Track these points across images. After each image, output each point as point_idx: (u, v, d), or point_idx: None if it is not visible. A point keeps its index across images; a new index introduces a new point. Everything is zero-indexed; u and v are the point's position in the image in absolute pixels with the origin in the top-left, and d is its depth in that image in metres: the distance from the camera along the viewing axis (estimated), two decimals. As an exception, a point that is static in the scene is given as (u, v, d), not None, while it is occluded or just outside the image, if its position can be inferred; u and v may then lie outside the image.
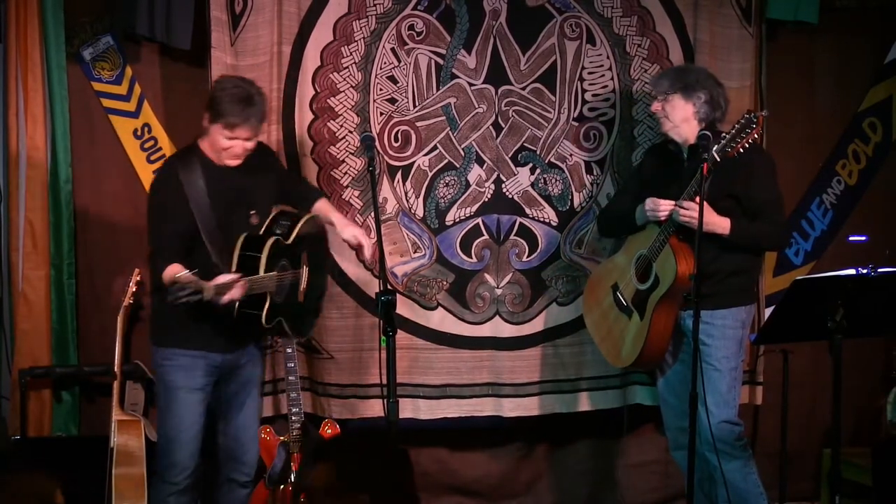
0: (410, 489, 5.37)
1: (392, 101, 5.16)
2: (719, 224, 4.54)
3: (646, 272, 4.68)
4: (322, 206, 4.65)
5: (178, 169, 4.28)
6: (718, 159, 4.40)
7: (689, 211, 4.44)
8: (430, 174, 5.21)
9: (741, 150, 4.40)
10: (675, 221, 4.52)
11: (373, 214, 4.56)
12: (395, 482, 5.33)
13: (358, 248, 4.65)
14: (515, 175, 5.27)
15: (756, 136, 4.41)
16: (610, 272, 4.92)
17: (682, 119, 4.65)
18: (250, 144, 4.28)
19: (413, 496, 5.37)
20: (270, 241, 4.26)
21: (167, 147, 5.06)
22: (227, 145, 4.25)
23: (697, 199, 4.32)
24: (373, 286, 4.96)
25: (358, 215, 5.16)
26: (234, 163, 4.29)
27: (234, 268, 4.19)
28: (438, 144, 5.21)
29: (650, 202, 4.62)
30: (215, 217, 4.23)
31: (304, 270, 4.47)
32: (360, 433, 5.13)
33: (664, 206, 4.56)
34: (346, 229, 4.57)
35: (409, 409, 5.17)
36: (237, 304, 4.16)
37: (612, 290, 4.86)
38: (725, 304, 4.64)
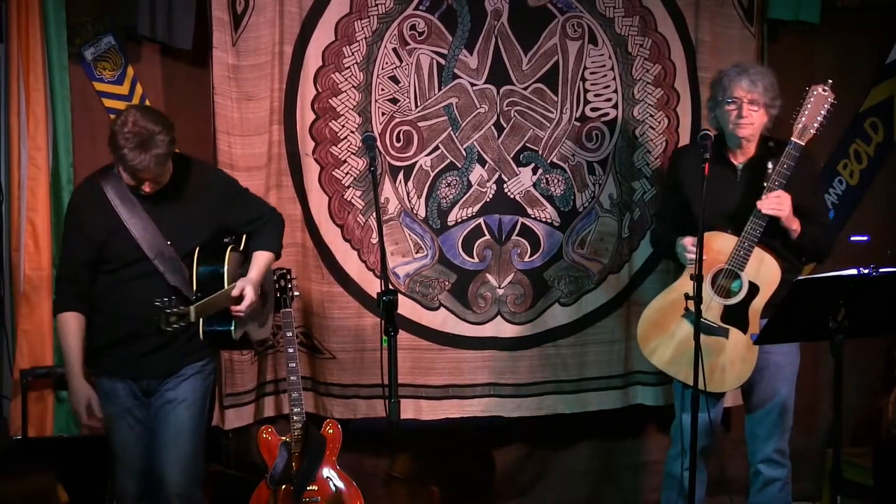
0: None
1: (394, 101, 5.16)
2: (796, 220, 4.48)
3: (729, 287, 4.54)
4: (255, 257, 4.35)
5: (109, 194, 4.14)
6: (803, 143, 4.42)
7: (776, 199, 4.39)
8: (432, 174, 5.21)
9: (820, 128, 4.45)
10: (757, 225, 4.40)
11: (374, 215, 4.56)
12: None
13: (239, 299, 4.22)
14: (517, 175, 5.27)
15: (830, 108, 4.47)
16: (672, 304, 4.55)
17: (759, 126, 4.55)
18: (162, 179, 4.09)
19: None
20: (228, 251, 4.21)
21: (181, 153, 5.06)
22: (132, 184, 4.08)
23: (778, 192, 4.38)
24: (374, 286, 4.96)
25: (360, 215, 5.16)
26: (147, 192, 4.11)
27: (195, 286, 4.13)
28: (440, 144, 5.21)
29: (685, 243, 4.53)
30: (167, 241, 4.13)
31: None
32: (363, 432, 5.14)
33: (692, 250, 4.42)
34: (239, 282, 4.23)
35: (411, 409, 5.17)
36: (202, 325, 4.14)
37: (689, 318, 4.49)
38: None
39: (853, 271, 3.96)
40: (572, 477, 5.57)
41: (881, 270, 3.95)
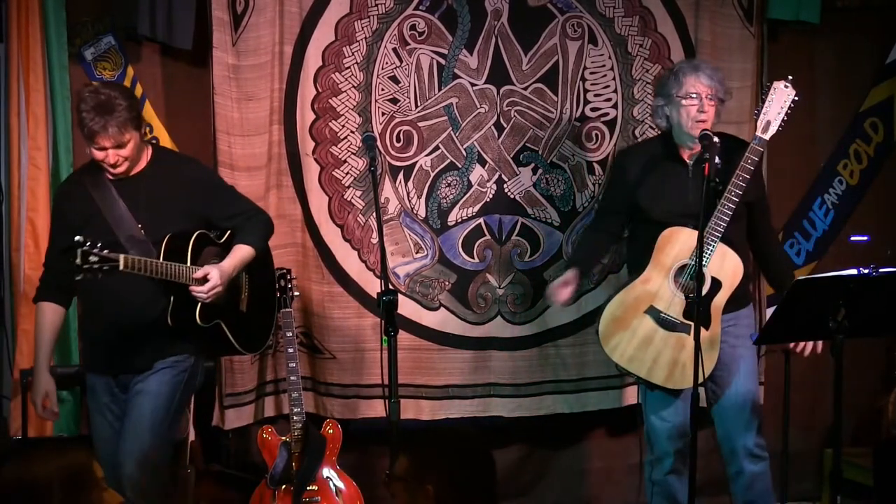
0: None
1: (394, 101, 5.16)
2: None
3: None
4: (233, 249, 4.27)
5: (87, 183, 4.16)
6: (767, 138, 4.38)
7: None
8: (432, 174, 5.21)
9: (783, 124, 4.38)
10: (721, 220, 4.29)
11: (374, 215, 4.56)
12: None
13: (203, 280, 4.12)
14: (517, 175, 5.27)
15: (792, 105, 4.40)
16: (635, 301, 4.47)
17: (713, 119, 4.44)
18: (125, 152, 4.06)
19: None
20: (195, 236, 4.17)
21: (168, 147, 5.06)
22: (99, 156, 4.07)
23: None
24: (374, 286, 4.96)
25: (360, 215, 5.16)
26: (116, 172, 4.10)
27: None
28: (440, 144, 5.21)
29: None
30: (139, 225, 4.12)
31: (244, 277, 4.38)
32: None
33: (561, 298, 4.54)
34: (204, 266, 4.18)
35: (412, 409, 5.17)
36: (169, 312, 4.10)
37: (651, 314, 4.46)
38: (745, 303, 4.59)
39: (853, 271, 3.95)
40: (572, 477, 5.57)
41: (881, 270, 3.94)
